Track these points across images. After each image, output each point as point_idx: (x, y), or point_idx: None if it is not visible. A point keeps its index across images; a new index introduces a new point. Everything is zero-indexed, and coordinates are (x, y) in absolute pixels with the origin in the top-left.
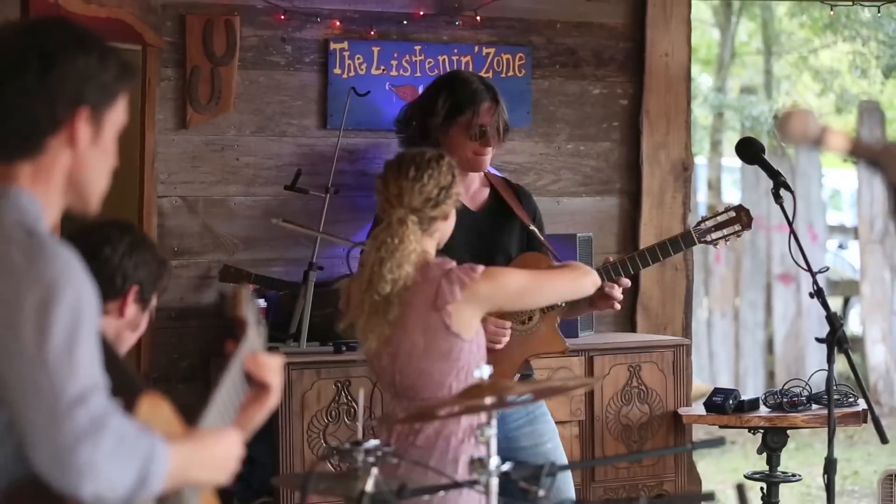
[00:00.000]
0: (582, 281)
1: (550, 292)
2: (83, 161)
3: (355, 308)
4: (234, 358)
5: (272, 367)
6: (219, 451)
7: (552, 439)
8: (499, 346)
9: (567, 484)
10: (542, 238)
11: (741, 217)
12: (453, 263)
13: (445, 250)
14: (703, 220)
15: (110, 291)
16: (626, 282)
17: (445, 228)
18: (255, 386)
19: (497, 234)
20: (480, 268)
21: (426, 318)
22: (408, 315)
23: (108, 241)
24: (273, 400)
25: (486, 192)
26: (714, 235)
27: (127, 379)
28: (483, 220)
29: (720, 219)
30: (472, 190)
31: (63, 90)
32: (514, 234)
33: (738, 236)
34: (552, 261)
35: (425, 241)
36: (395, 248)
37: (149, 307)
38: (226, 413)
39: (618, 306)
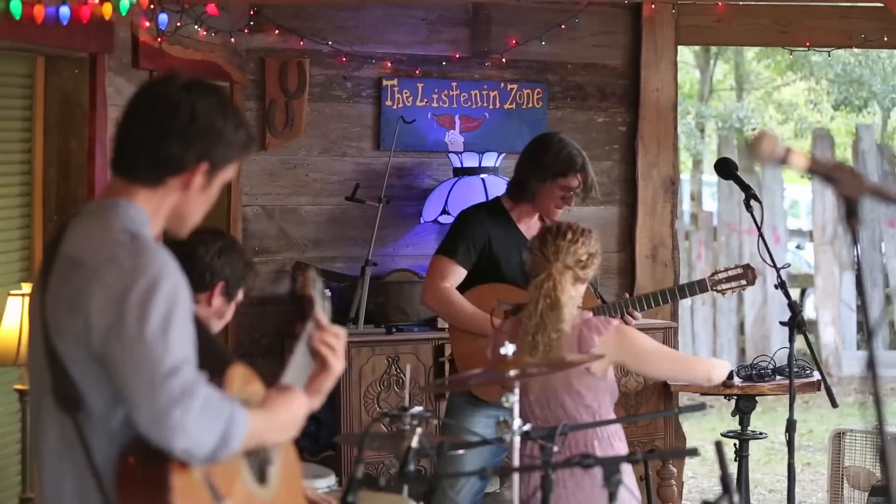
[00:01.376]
0: (698, 373)
1: (666, 370)
2: (189, 203)
3: (524, 347)
4: (304, 331)
5: (334, 345)
6: (288, 415)
7: None
8: None
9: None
10: None
11: (747, 274)
12: (590, 314)
13: (507, 271)
14: (717, 272)
15: (200, 285)
16: (638, 316)
17: (581, 293)
18: (320, 359)
19: None
20: (614, 322)
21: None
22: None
23: (203, 244)
24: (337, 369)
25: (538, 225)
26: (723, 286)
27: (219, 353)
28: None
29: (731, 273)
30: (531, 223)
31: (196, 144)
32: None
33: (743, 290)
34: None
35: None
36: (559, 297)
37: (234, 301)
38: (299, 377)
39: None
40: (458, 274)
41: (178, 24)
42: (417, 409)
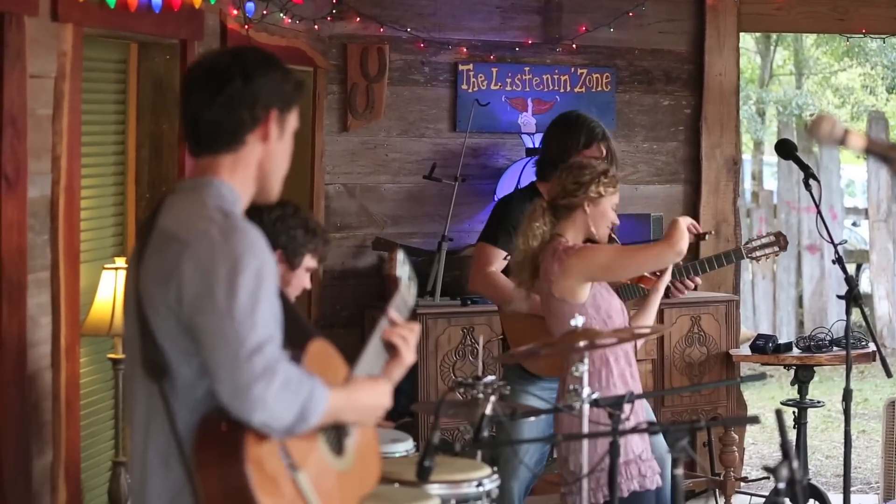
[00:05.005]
0: (664, 254)
1: (635, 266)
2: (271, 154)
3: (515, 273)
4: (378, 325)
5: (408, 337)
6: (369, 401)
7: None
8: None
9: (648, 410)
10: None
11: (779, 241)
12: (567, 244)
13: None
14: (751, 240)
15: None
16: (698, 281)
17: (594, 217)
18: (394, 349)
19: None
20: (577, 246)
21: (542, 285)
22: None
23: (261, 213)
24: (408, 359)
25: None
26: (757, 253)
27: (301, 328)
28: None
29: (764, 241)
30: None
31: (260, 96)
32: None
33: (777, 255)
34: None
35: (562, 226)
36: (528, 223)
37: (300, 268)
38: (371, 369)
39: (680, 297)
40: (502, 258)
41: (265, 12)
42: (490, 378)
